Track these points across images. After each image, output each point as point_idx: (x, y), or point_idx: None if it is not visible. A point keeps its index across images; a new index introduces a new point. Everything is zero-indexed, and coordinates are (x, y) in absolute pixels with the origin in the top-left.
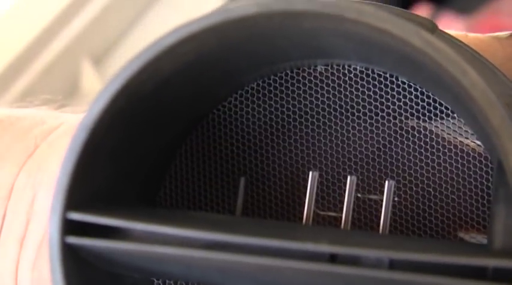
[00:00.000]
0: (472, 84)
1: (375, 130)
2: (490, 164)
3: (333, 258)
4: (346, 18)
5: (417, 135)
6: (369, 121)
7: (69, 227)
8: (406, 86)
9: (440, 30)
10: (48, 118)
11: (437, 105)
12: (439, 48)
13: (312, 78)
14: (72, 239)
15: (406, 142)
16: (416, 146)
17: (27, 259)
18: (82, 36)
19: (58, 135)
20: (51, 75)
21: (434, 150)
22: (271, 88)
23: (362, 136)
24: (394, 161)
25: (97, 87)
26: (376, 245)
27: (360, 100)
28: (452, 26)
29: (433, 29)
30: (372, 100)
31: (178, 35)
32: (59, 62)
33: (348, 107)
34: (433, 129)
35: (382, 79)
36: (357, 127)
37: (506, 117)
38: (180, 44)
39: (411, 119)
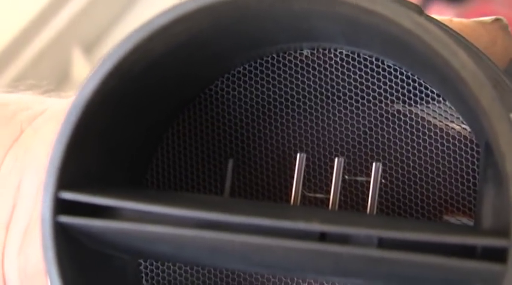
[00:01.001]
0: (462, 65)
1: (361, 114)
2: (475, 148)
3: (322, 237)
4: (337, 0)
5: (403, 118)
6: (355, 104)
7: (61, 206)
8: (392, 70)
9: (426, 15)
10: (34, 103)
11: (423, 88)
12: (429, 29)
13: (298, 62)
14: (64, 218)
15: (392, 125)
16: (402, 130)
17: (13, 244)
18: (73, 24)
19: (43, 119)
20: (42, 63)
21: (420, 133)
22: (258, 71)
23: (348, 119)
24: (380, 144)
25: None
26: (365, 224)
27: (346, 84)
28: (444, 13)
29: (420, 12)
30: (358, 84)
31: (171, 15)
32: (49, 50)
33: (334, 91)
34: (418, 113)
35: (368, 63)
36: (343, 111)
37: (495, 98)
38: (172, 24)
39: (397, 103)
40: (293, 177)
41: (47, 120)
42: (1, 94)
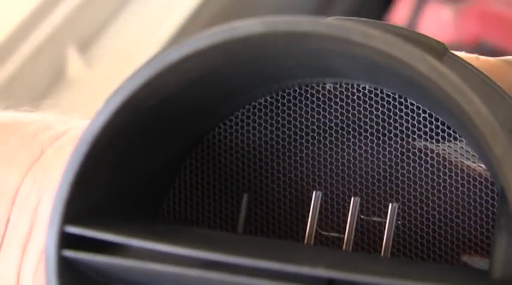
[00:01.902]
0: (476, 112)
1: (381, 151)
2: (496, 190)
3: (331, 283)
4: (353, 41)
5: (424, 157)
6: (375, 141)
7: (66, 241)
8: (414, 107)
9: (451, 53)
10: (55, 123)
11: (445, 127)
12: (444, 75)
13: (320, 96)
14: (69, 253)
15: (412, 163)
16: (422, 169)
17: (29, 265)
18: (68, 22)
19: (65, 141)
20: (37, 61)
21: (440, 173)
22: (279, 104)
23: (368, 156)
24: (399, 183)
25: (83, 73)
26: (374, 271)
27: (368, 120)
28: (440, 11)
29: (443, 52)
30: (380, 120)
31: (183, 51)
32: (44, 48)
33: (355, 126)
34: (440, 152)
35: (390, 99)
36: (364, 147)
37: (508, 147)
38: (184, 60)
39: (418, 141)
40: (308, 214)
41: (68, 142)
42: (23, 113)
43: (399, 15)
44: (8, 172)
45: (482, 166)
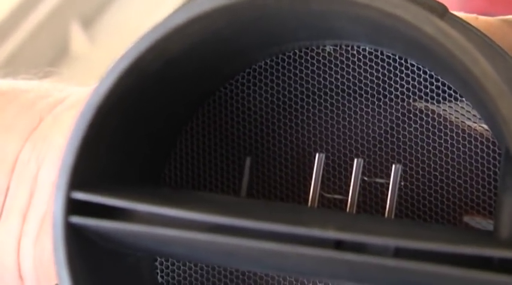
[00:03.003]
0: (483, 74)
1: (383, 112)
2: (497, 150)
3: (338, 244)
4: (357, 2)
5: (425, 118)
6: (376, 103)
7: (73, 207)
8: (415, 69)
9: (451, 14)
10: (53, 90)
11: (446, 88)
12: (451, 35)
13: (320, 58)
14: (76, 219)
15: (413, 125)
16: (423, 130)
17: (30, 233)
18: None
19: (63, 108)
20: (40, 37)
21: (441, 134)
22: (279, 67)
23: (370, 118)
24: (401, 144)
25: (86, 49)
26: (382, 232)
27: (368, 82)
28: None
29: (443, 13)
30: (381, 82)
31: (188, 15)
32: (47, 24)
33: (356, 88)
34: (441, 112)
35: (391, 61)
36: (365, 109)
37: None
38: (189, 23)
39: (419, 102)
40: (311, 177)
41: (67, 109)
42: (21, 81)
43: None
44: (7, 139)
45: (484, 126)
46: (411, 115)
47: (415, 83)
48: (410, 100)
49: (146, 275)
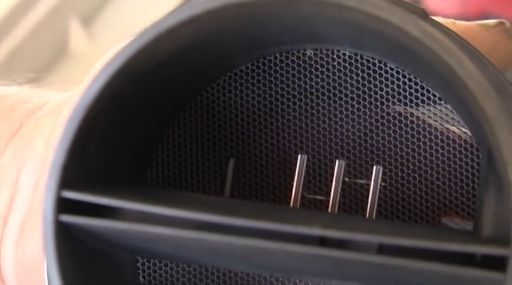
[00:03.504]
0: (468, 74)
1: (363, 115)
2: (475, 152)
3: (323, 241)
4: (345, 6)
5: (404, 120)
6: (356, 106)
7: (63, 206)
8: (394, 72)
9: (430, 18)
10: (33, 96)
11: (424, 91)
12: (436, 37)
13: (300, 62)
14: (66, 218)
15: (393, 127)
16: (402, 132)
17: (10, 236)
18: None
19: (43, 113)
20: (39, 35)
21: (420, 136)
22: (260, 71)
23: (350, 120)
24: (381, 146)
25: (86, 48)
26: (365, 230)
27: (348, 85)
28: None
29: (425, 17)
30: (360, 85)
31: (180, 18)
32: (46, 22)
33: (336, 92)
34: (419, 115)
35: (370, 65)
36: (345, 112)
37: (500, 107)
38: (180, 26)
39: (398, 105)
40: (293, 178)
41: (47, 114)
42: (0, 87)
43: None
44: None
45: (462, 129)
46: (390, 118)
47: (394, 87)
48: (390, 104)
49: (129, 275)
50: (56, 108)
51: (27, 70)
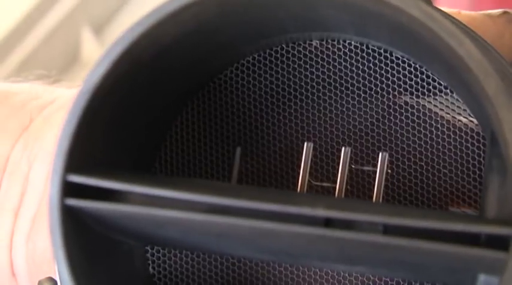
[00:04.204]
0: (468, 54)
1: (369, 104)
2: (481, 140)
3: (328, 223)
4: None
5: (410, 109)
6: (363, 95)
7: (69, 190)
8: (400, 61)
9: (434, 6)
10: (43, 92)
11: (430, 80)
12: (436, 18)
13: (307, 53)
14: (72, 201)
15: (399, 116)
16: (409, 121)
17: (22, 230)
18: (82, 4)
19: (53, 109)
20: (51, 44)
21: (426, 125)
22: (267, 61)
23: (356, 109)
24: (387, 135)
25: (97, 55)
26: (371, 211)
27: (354, 75)
28: None
29: (428, 3)
30: (366, 75)
31: (180, 1)
32: (59, 31)
33: (343, 81)
34: (426, 104)
35: (376, 54)
36: (351, 101)
37: (501, 86)
38: (182, 10)
39: (404, 94)
40: (300, 166)
41: (57, 109)
42: (11, 83)
43: None
44: None
45: (468, 117)
46: (397, 107)
47: (400, 76)
48: (396, 93)
49: (138, 264)
50: (66, 103)
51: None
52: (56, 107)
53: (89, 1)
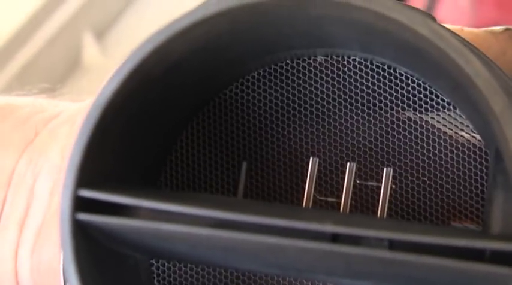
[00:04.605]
0: (476, 72)
1: (373, 120)
2: (484, 156)
3: (334, 238)
4: (354, 6)
5: (414, 125)
6: (367, 111)
7: (79, 204)
8: (403, 78)
9: (439, 24)
10: (48, 106)
11: (433, 96)
12: (445, 37)
13: (311, 68)
14: (83, 216)
15: (403, 132)
16: (412, 137)
17: (27, 243)
18: (84, 8)
19: (58, 122)
20: (53, 48)
21: (430, 140)
22: (272, 77)
23: (360, 125)
24: (391, 150)
25: (98, 60)
26: (377, 227)
27: (359, 91)
28: None
29: (434, 19)
30: (370, 91)
31: (192, 19)
32: (60, 35)
33: (347, 97)
34: (429, 120)
35: (380, 70)
36: (356, 117)
37: (507, 104)
38: (192, 27)
39: (408, 110)
40: (305, 181)
41: (62, 123)
42: (16, 97)
43: (415, 1)
44: (4, 153)
45: (470, 133)
46: (400, 123)
47: (404, 92)
48: (400, 109)
49: (144, 278)
50: (71, 117)
51: (41, 82)
52: (60, 120)
53: (91, 6)
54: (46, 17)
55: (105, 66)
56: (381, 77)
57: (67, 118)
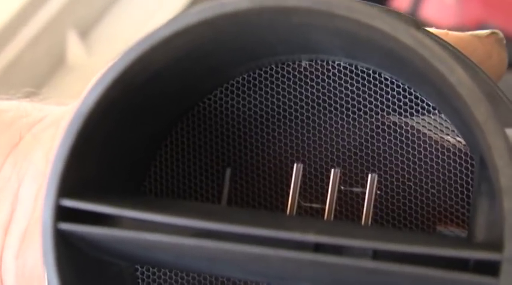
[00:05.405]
0: (459, 81)
1: (358, 125)
2: (469, 160)
3: (317, 248)
4: (336, 15)
5: (399, 130)
6: (351, 116)
7: (61, 214)
8: (388, 82)
9: (424, 29)
10: (32, 110)
11: (418, 101)
12: (427, 45)
13: (296, 73)
14: (65, 226)
15: (388, 137)
16: (397, 141)
17: (11, 247)
18: (68, 6)
19: (42, 126)
20: (37, 47)
21: (415, 145)
22: (256, 82)
23: (345, 130)
24: (376, 155)
25: (83, 59)
26: (360, 236)
27: (343, 96)
28: None
29: (418, 26)
30: (355, 96)
31: (174, 28)
32: (44, 34)
33: (332, 102)
34: (414, 125)
35: (365, 75)
36: (340, 122)
37: (490, 113)
38: (175, 36)
39: (393, 115)
40: (289, 187)
41: (46, 127)
42: (0, 101)
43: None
44: None
45: (456, 138)
46: (385, 128)
47: (389, 97)
48: (385, 113)
49: (129, 283)
50: (55, 121)
51: (24, 82)
52: (45, 125)
53: (75, 4)
54: (30, 15)
55: (90, 64)
56: (365, 82)
57: (51, 123)
